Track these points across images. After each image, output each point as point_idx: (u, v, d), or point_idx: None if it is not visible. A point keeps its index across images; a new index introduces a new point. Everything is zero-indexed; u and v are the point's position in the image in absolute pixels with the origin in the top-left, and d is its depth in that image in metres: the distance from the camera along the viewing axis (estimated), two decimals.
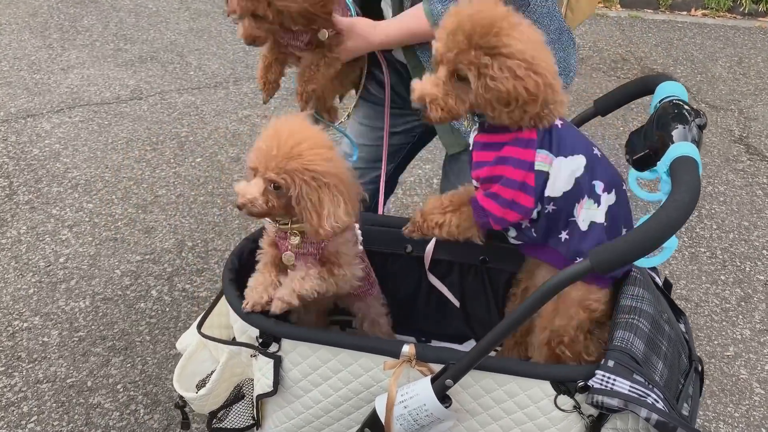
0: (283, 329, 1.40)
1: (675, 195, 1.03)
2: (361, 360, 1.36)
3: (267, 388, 1.43)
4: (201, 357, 1.51)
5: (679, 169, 1.07)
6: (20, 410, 2.32)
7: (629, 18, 6.47)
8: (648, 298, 1.38)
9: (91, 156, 3.84)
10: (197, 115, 4.33)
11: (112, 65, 4.98)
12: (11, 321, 2.69)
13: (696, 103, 4.82)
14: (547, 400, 1.28)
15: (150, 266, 3.02)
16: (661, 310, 1.40)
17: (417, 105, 1.31)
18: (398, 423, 1.28)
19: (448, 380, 1.25)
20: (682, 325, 1.51)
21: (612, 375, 1.19)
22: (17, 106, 4.35)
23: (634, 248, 1.02)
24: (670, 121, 1.18)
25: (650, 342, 1.27)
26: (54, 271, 2.97)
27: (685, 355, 1.39)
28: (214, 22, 5.91)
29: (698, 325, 2.83)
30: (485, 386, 1.31)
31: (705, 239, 3.39)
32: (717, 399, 2.49)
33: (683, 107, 1.22)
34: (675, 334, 1.38)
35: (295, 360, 1.40)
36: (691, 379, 1.35)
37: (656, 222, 1.01)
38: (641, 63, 5.45)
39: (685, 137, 1.14)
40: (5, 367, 2.48)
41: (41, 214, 3.33)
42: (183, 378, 1.48)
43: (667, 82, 1.31)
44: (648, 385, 1.18)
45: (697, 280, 3.10)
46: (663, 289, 1.59)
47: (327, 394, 1.42)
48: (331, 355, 1.38)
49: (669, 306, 1.53)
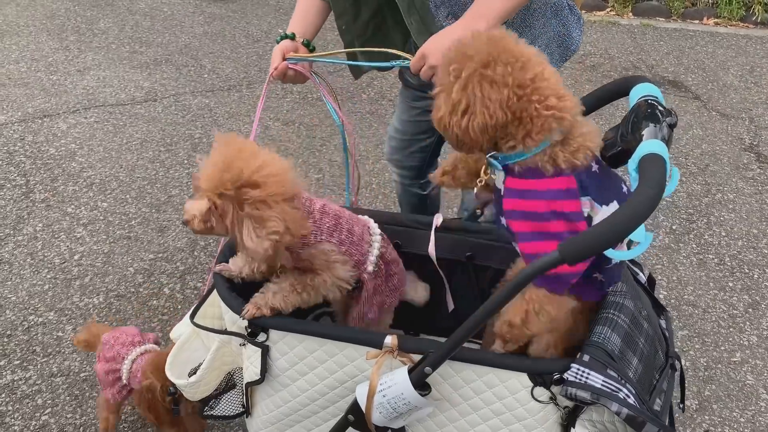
0: (270, 320, 1.44)
1: (640, 189, 1.06)
2: (346, 350, 1.40)
3: (255, 376, 1.48)
4: (193, 346, 1.55)
5: (647, 165, 1.10)
6: (35, 403, 2.36)
7: (641, 26, 6.49)
8: (630, 293, 1.41)
9: (106, 156, 3.90)
10: (211, 118, 4.39)
11: (128, 67, 5.06)
12: (27, 316, 2.75)
13: (707, 111, 4.83)
14: (524, 392, 1.32)
15: (163, 264, 3.07)
16: (641, 307, 1.43)
17: None
18: (377, 411, 1.33)
19: (427, 368, 1.29)
20: (663, 321, 1.54)
21: (586, 369, 1.23)
22: (34, 106, 4.42)
23: (600, 239, 1.05)
24: (642, 120, 1.21)
25: (627, 338, 1.31)
26: (69, 267, 3.02)
27: (662, 351, 1.42)
28: (228, 25, 5.98)
29: (705, 331, 2.84)
30: (465, 377, 1.35)
31: (713, 246, 3.40)
32: (723, 404, 2.50)
33: (656, 107, 1.24)
34: (653, 331, 1.42)
35: (282, 350, 1.44)
36: (666, 375, 1.38)
37: (621, 214, 1.04)
38: (652, 71, 5.47)
39: (655, 135, 1.17)
40: (20, 361, 2.53)
41: (57, 212, 3.39)
42: (175, 365, 1.52)
43: (643, 83, 1.34)
44: (621, 380, 1.22)
45: (704, 287, 3.11)
46: (646, 286, 1.61)
47: (313, 383, 1.46)
48: (317, 345, 1.42)
49: (651, 302, 1.56)
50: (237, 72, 5.07)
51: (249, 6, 6.54)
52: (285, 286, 1.45)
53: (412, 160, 2.40)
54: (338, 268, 1.51)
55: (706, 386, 2.57)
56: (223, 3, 6.56)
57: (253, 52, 5.45)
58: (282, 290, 1.45)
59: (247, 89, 4.80)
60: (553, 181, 1.28)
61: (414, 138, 2.33)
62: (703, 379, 2.60)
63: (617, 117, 4.54)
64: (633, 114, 1.24)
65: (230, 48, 5.51)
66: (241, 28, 5.94)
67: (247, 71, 5.09)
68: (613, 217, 1.03)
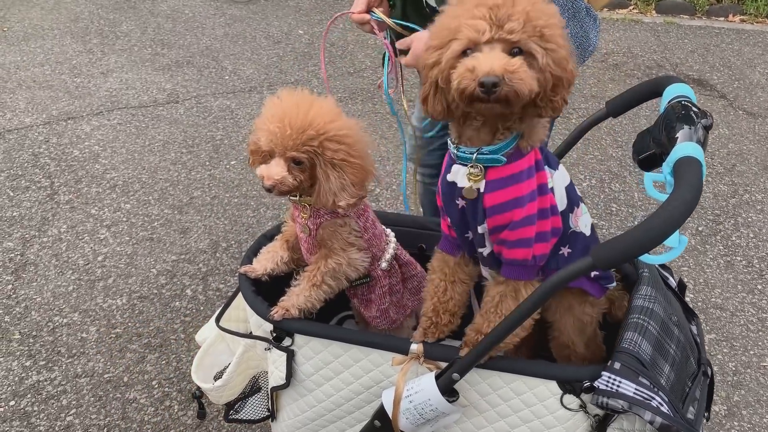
0: (295, 325, 1.44)
1: (676, 193, 1.02)
2: (372, 356, 1.39)
3: (280, 380, 1.47)
4: (219, 349, 1.55)
5: (682, 169, 1.06)
6: (60, 403, 2.38)
7: (665, 24, 6.40)
8: (659, 298, 1.38)
9: (129, 158, 3.93)
10: (232, 119, 4.41)
11: (150, 69, 5.09)
12: (52, 317, 2.77)
13: (733, 110, 4.74)
14: (553, 399, 1.29)
15: (185, 266, 3.08)
16: (671, 312, 1.40)
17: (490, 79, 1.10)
18: (404, 417, 1.31)
19: (455, 374, 1.27)
20: (694, 327, 1.50)
21: (617, 377, 1.20)
22: (59, 108, 4.47)
23: (634, 245, 1.02)
24: (676, 122, 1.17)
25: (658, 344, 1.28)
26: (92, 269, 3.05)
27: (693, 358, 1.39)
28: (249, 27, 6.00)
29: (734, 335, 2.78)
30: (492, 384, 1.33)
31: (741, 248, 3.33)
32: (753, 410, 2.44)
33: (691, 108, 1.21)
34: (684, 337, 1.39)
35: (307, 354, 1.44)
36: (698, 382, 1.35)
37: (657, 219, 1.00)
38: (677, 69, 5.39)
39: (690, 138, 1.13)
40: (46, 362, 2.55)
41: (81, 213, 3.42)
42: (201, 369, 1.52)
43: (676, 84, 1.31)
44: (653, 388, 1.19)
45: (732, 289, 3.05)
46: (676, 290, 1.58)
47: (338, 388, 1.45)
48: (342, 350, 1.41)
49: (681, 307, 1.52)
50: (258, 73, 5.08)
51: (269, 7, 6.55)
52: (304, 285, 1.45)
53: (432, 158, 2.39)
54: (354, 252, 1.52)
55: (735, 391, 2.52)
56: (243, 5, 6.59)
57: (273, 53, 5.46)
58: (303, 290, 1.44)
59: (268, 90, 4.81)
60: (528, 158, 1.29)
61: (434, 135, 2.32)
62: (732, 384, 2.55)
63: (640, 116, 4.48)
64: (666, 116, 1.20)
65: (251, 49, 5.52)
66: (261, 30, 5.95)
67: (267, 72, 5.10)
68: (648, 222, 1.00)
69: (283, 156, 1.38)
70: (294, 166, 1.40)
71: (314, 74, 5.10)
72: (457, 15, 1.18)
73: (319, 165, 1.40)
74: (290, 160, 1.39)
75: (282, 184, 1.39)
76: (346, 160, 1.41)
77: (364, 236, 1.53)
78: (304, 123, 1.38)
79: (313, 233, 1.49)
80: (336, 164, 1.40)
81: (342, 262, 1.48)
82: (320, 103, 1.43)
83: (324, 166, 1.40)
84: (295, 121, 1.37)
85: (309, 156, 1.39)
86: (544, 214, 1.29)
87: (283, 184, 1.39)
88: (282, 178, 1.38)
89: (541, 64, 1.15)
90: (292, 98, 1.43)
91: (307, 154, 1.38)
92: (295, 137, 1.36)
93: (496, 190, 1.28)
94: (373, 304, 1.61)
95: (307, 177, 1.42)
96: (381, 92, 2.11)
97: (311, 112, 1.39)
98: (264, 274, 1.55)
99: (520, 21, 1.12)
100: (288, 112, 1.38)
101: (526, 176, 1.28)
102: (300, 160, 1.39)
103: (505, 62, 1.11)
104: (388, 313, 1.62)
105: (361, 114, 4.49)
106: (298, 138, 1.37)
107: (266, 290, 1.54)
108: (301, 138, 1.37)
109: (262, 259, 1.57)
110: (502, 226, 1.28)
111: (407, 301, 1.66)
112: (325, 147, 1.39)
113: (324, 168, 1.40)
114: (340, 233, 1.48)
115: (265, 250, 1.60)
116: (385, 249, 1.59)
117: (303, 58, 5.39)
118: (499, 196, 1.28)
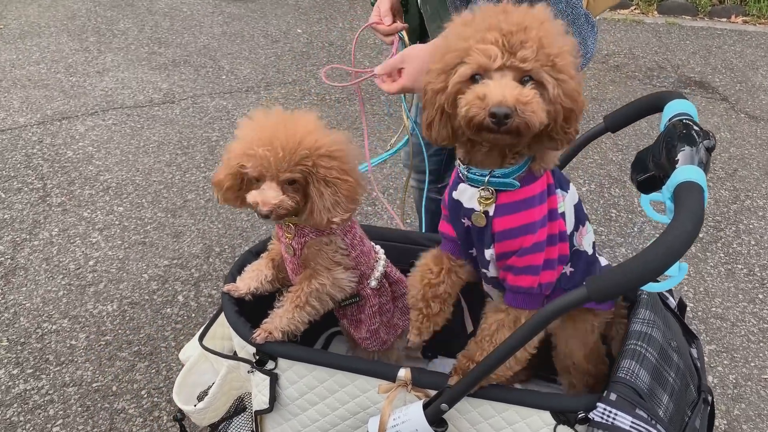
0: (278, 348, 1.38)
1: (676, 221, 0.97)
2: (358, 381, 1.35)
3: (263, 405, 1.42)
4: (202, 368, 1.50)
5: (683, 195, 1.01)
6: (46, 413, 2.34)
7: (666, 24, 6.34)
8: (658, 323, 1.33)
9: (123, 159, 3.88)
10: (228, 120, 4.36)
11: (146, 68, 5.05)
12: (41, 323, 2.73)
13: (735, 113, 4.69)
14: (546, 429, 1.25)
15: (177, 271, 3.03)
16: (670, 337, 1.35)
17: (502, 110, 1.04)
18: None
19: (443, 404, 1.22)
20: (695, 350, 1.45)
21: (613, 409, 1.15)
22: (53, 108, 4.42)
23: (632, 277, 0.97)
24: (677, 142, 1.12)
25: (656, 373, 1.23)
26: (83, 274, 3.00)
27: (693, 385, 1.34)
28: (247, 26, 5.95)
29: (734, 346, 2.74)
30: (483, 412, 1.28)
31: (742, 255, 3.29)
32: (753, 424, 2.40)
33: (692, 127, 1.15)
34: (684, 364, 1.33)
35: (291, 378, 1.39)
36: (698, 411, 1.30)
37: (656, 250, 0.95)
38: (678, 71, 5.33)
39: (691, 160, 1.07)
40: (33, 370, 2.51)
41: (73, 216, 3.38)
42: (183, 389, 1.48)
43: (677, 100, 1.25)
44: (651, 420, 1.14)
45: (733, 299, 3.00)
46: (676, 311, 1.52)
47: (324, 414, 1.41)
48: (328, 375, 1.36)
49: (681, 329, 1.47)
50: (255, 73, 5.03)
51: (268, 5, 6.50)
52: (287, 306, 1.40)
53: (428, 164, 2.34)
54: (339, 271, 1.46)
55: (736, 405, 2.47)
56: (242, 3, 6.53)
57: (271, 53, 5.41)
58: (286, 312, 1.40)
59: (265, 91, 4.76)
60: (541, 181, 1.23)
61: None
62: (732, 398, 2.50)
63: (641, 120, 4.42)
64: (666, 135, 1.15)
65: (249, 48, 5.47)
66: (260, 29, 5.90)
67: (265, 72, 5.05)
68: (646, 253, 0.95)
69: (275, 179, 1.34)
70: (287, 187, 1.35)
71: (312, 74, 5.05)
72: (466, 37, 1.11)
73: (313, 183, 1.36)
74: (284, 182, 1.34)
75: (280, 208, 1.34)
76: (339, 177, 1.37)
77: (351, 254, 1.48)
78: (294, 143, 1.33)
79: (297, 253, 1.44)
80: (329, 181, 1.36)
81: (326, 283, 1.43)
82: (304, 120, 1.39)
83: (317, 183, 1.36)
84: (285, 143, 1.32)
85: (303, 175, 1.35)
86: (552, 240, 1.24)
87: (281, 207, 1.34)
88: (280, 201, 1.33)
89: (552, 95, 1.09)
90: (272, 118, 1.38)
91: (301, 173, 1.34)
92: (288, 159, 1.32)
93: (507, 215, 1.22)
94: (363, 325, 1.56)
95: (302, 197, 1.38)
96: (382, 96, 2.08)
97: (299, 130, 1.35)
98: (248, 293, 1.50)
99: (534, 48, 1.07)
100: (276, 134, 1.33)
101: (538, 201, 1.22)
102: (295, 180, 1.35)
103: (518, 92, 1.05)
104: (379, 334, 1.57)
105: (359, 115, 4.44)
106: (292, 159, 1.32)
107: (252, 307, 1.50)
108: (294, 159, 1.32)
109: (246, 277, 1.52)
110: (511, 252, 1.23)
111: (398, 320, 1.61)
112: (318, 164, 1.35)
113: (317, 186, 1.36)
114: (325, 252, 1.43)
115: (249, 269, 1.55)
116: (374, 266, 1.54)
117: (301, 58, 5.34)
118: (510, 221, 1.22)
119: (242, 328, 1.39)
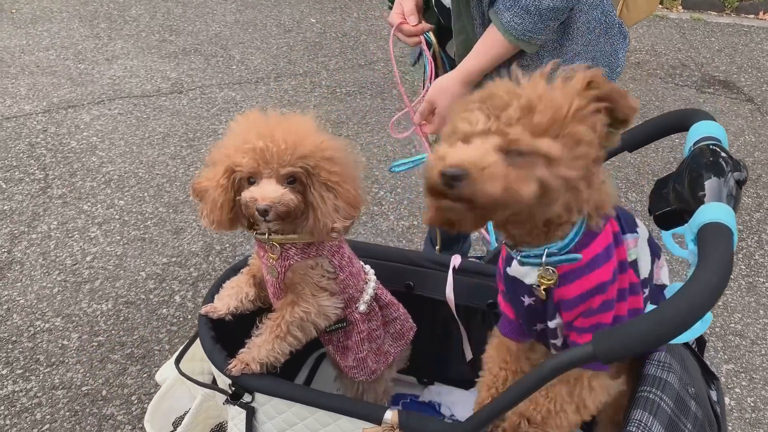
0: (254, 382, 1.27)
1: (700, 273, 0.83)
2: (341, 421, 1.23)
3: None
4: (178, 393, 1.41)
5: (709, 238, 0.86)
6: (33, 417, 2.27)
7: (691, 20, 6.13)
8: (674, 366, 1.20)
9: (127, 150, 3.80)
10: (236, 112, 4.25)
11: (156, 57, 4.96)
12: (33, 321, 2.66)
13: (761, 115, 4.51)
14: None
15: (176, 270, 2.95)
16: (687, 383, 1.21)
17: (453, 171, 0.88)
18: None
19: None
20: (714, 393, 1.32)
21: None
22: (60, 96, 4.35)
23: (647, 337, 0.83)
24: (703, 171, 0.97)
25: (671, 425, 1.10)
26: (80, 270, 2.93)
27: None
28: (259, 14, 5.83)
29: (753, 365, 2.60)
30: None
31: (765, 268, 3.13)
32: None
33: (720, 154, 1.00)
34: (702, 412, 1.20)
35: (269, 413, 1.28)
36: None
37: (675, 307, 0.82)
38: (702, 69, 5.14)
39: (719, 196, 0.93)
40: (23, 370, 2.44)
41: (72, 209, 3.30)
42: (157, 416, 1.38)
43: (705, 121, 1.10)
44: None
45: (754, 314, 2.86)
46: (694, 348, 1.39)
47: None
48: (308, 413, 1.26)
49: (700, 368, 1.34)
50: (266, 64, 4.92)
51: None
52: (266, 336, 1.30)
53: None
54: (324, 298, 1.36)
55: (753, 430, 2.34)
56: None
57: (283, 42, 5.29)
58: (265, 342, 1.29)
59: (275, 82, 4.65)
60: (605, 235, 1.07)
61: None
62: (750, 422, 2.37)
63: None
64: (691, 162, 1.01)
65: (260, 38, 5.36)
66: (273, 17, 5.79)
67: (276, 63, 4.94)
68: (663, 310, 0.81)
69: (275, 176, 1.23)
70: (287, 186, 1.24)
71: (324, 66, 4.93)
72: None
73: (313, 187, 1.26)
74: (284, 179, 1.24)
75: (280, 204, 1.22)
76: (340, 183, 1.27)
77: (339, 276, 1.37)
78: (297, 138, 1.23)
79: (281, 276, 1.33)
80: (330, 186, 1.26)
81: (311, 311, 1.32)
82: (304, 120, 1.29)
83: (318, 188, 1.26)
84: (287, 136, 1.22)
85: (304, 171, 1.25)
86: (622, 295, 1.09)
87: (282, 203, 1.22)
88: (281, 195, 1.22)
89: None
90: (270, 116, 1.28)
91: (303, 170, 1.24)
92: (291, 151, 1.22)
93: (573, 282, 1.07)
94: (349, 352, 1.45)
95: (301, 200, 1.27)
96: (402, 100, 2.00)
97: (301, 128, 1.25)
98: (227, 313, 1.40)
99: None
100: (277, 128, 1.23)
101: (604, 258, 1.06)
102: (295, 177, 1.24)
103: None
104: (366, 363, 1.45)
105: (369, 110, 4.32)
106: (295, 152, 1.22)
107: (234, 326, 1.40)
108: (297, 152, 1.23)
109: (225, 296, 1.42)
110: (579, 314, 1.09)
111: (389, 347, 1.50)
112: (321, 167, 1.26)
113: (318, 190, 1.26)
114: (310, 276, 1.32)
115: (228, 285, 1.44)
116: (363, 289, 1.43)
117: (313, 48, 5.22)
118: (577, 287, 1.07)
119: (218, 357, 1.28)
